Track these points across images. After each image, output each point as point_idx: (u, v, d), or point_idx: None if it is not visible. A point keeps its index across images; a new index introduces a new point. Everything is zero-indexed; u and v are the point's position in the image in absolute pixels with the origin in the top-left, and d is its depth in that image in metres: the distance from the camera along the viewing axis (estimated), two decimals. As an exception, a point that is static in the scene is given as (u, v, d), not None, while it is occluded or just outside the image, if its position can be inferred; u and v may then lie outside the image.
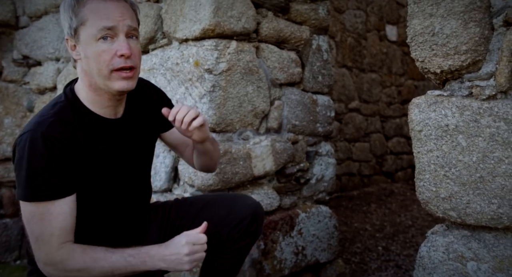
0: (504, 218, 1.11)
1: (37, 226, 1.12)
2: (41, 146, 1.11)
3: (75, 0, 1.16)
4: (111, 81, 1.18)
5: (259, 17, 2.02)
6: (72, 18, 1.16)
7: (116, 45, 1.16)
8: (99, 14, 1.15)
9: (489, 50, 1.14)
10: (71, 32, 1.18)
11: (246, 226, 1.44)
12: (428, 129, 1.22)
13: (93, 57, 1.16)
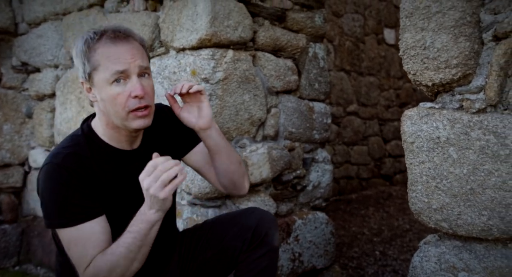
0: (494, 229, 1.13)
1: (72, 251, 1.18)
2: (57, 176, 1.17)
3: (86, 46, 1.19)
4: (129, 121, 1.23)
5: (256, 26, 2.04)
6: (85, 63, 1.20)
7: (129, 86, 1.19)
8: (110, 58, 1.18)
9: (479, 64, 1.16)
10: (85, 76, 1.22)
11: (252, 234, 1.37)
12: (420, 141, 1.24)
13: (108, 101, 1.20)
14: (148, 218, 1.13)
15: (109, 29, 1.22)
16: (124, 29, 1.24)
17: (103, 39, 1.20)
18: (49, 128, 2.61)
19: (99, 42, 1.19)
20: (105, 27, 1.24)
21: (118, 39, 1.20)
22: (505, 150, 1.09)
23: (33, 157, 2.72)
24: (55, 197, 1.16)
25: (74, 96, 2.42)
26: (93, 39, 1.20)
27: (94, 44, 1.19)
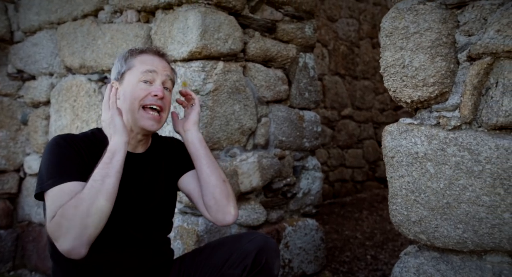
0: (469, 242, 1.18)
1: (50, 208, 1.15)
2: (56, 143, 1.26)
3: (129, 53, 1.40)
4: (139, 118, 1.34)
5: (246, 37, 2.08)
6: (122, 65, 1.39)
7: (152, 88, 1.36)
8: (146, 62, 1.37)
9: (455, 82, 1.20)
10: (117, 76, 1.39)
11: (252, 261, 1.34)
12: (400, 155, 1.28)
13: (129, 93, 1.35)
14: (110, 147, 1.23)
15: (152, 48, 1.44)
16: (163, 50, 1.47)
17: (145, 52, 1.41)
18: (44, 135, 2.65)
19: (141, 53, 1.40)
20: (150, 46, 1.46)
21: (156, 53, 1.42)
22: (478, 167, 1.14)
23: (28, 163, 2.76)
24: (51, 158, 1.22)
25: (69, 104, 2.45)
26: (138, 50, 1.41)
27: (136, 53, 1.40)
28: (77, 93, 2.42)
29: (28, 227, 2.74)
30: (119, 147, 1.22)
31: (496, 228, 1.12)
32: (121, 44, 2.16)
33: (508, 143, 1.09)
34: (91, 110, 2.35)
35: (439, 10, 1.20)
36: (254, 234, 1.44)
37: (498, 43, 1.09)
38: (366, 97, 5.87)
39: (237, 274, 1.35)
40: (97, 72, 2.33)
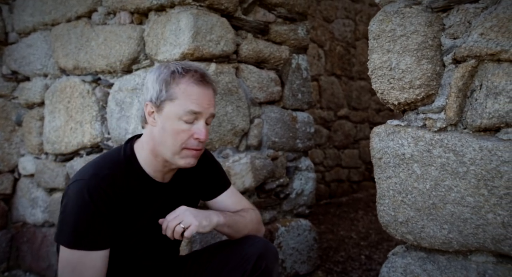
0: (454, 242, 1.19)
1: (68, 274, 1.16)
2: (88, 198, 1.17)
3: (171, 77, 1.24)
4: (178, 157, 1.26)
5: (239, 39, 2.10)
6: (162, 90, 1.24)
7: (195, 128, 1.25)
8: (190, 98, 1.23)
9: (441, 85, 1.22)
10: (155, 101, 1.25)
11: (252, 266, 1.33)
12: (387, 157, 1.30)
13: (170, 133, 1.24)
14: None
15: (196, 70, 1.27)
16: (208, 74, 1.30)
17: (188, 77, 1.24)
18: (38, 136, 2.66)
19: (184, 78, 1.24)
20: (192, 66, 1.29)
21: (201, 83, 1.25)
22: (463, 168, 1.15)
23: (22, 164, 2.76)
24: (78, 215, 1.16)
25: (63, 105, 2.46)
26: (180, 73, 1.24)
27: (179, 78, 1.24)
28: (71, 94, 2.42)
29: (22, 228, 2.74)
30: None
31: (480, 228, 1.14)
32: (114, 45, 2.17)
33: (492, 144, 1.11)
34: (85, 111, 2.36)
35: (425, 13, 1.21)
36: (254, 238, 1.42)
37: (482, 46, 1.11)
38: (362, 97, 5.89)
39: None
40: (90, 73, 2.34)
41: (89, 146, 2.37)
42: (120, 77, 2.21)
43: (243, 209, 1.48)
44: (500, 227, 1.11)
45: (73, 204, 1.18)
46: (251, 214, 1.47)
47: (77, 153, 2.45)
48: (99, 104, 2.32)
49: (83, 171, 1.24)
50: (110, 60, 2.20)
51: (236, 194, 1.52)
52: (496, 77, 1.10)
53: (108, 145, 2.30)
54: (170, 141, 1.24)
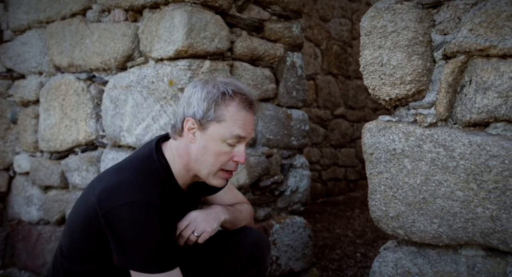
0: (444, 236, 1.20)
1: None
2: (154, 220, 1.15)
3: (221, 98, 1.23)
4: (214, 177, 1.28)
5: (233, 37, 2.10)
6: (210, 110, 1.23)
7: (236, 151, 1.26)
8: (238, 122, 1.24)
9: (432, 80, 1.23)
10: (200, 119, 1.24)
11: (247, 256, 1.41)
12: (379, 152, 1.31)
13: (212, 154, 1.25)
14: None
15: (245, 93, 1.27)
16: (253, 97, 1.31)
17: (238, 101, 1.25)
18: (33, 134, 2.66)
19: (233, 100, 1.24)
20: (240, 87, 1.28)
21: (249, 107, 1.27)
22: (453, 162, 1.16)
23: (17, 162, 2.76)
24: (150, 238, 1.14)
25: (57, 103, 2.46)
26: (230, 95, 1.24)
27: (229, 101, 1.24)
28: (65, 92, 2.43)
29: (17, 225, 2.74)
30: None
31: (470, 223, 1.15)
32: (108, 43, 2.17)
33: (481, 139, 1.11)
34: (80, 109, 2.36)
35: (416, 9, 1.22)
36: (249, 229, 1.48)
37: (471, 41, 1.12)
38: (359, 96, 5.90)
39: (233, 267, 1.42)
40: (85, 71, 2.34)
41: (84, 143, 2.37)
42: (115, 75, 2.21)
43: (239, 203, 1.54)
44: (489, 221, 1.12)
45: (140, 229, 1.14)
46: (247, 209, 1.54)
47: (72, 151, 2.45)
48: (93, 102, 2.32)
49: (128, 191, 1.18)
50: (105, 58, 2.20)
51: (232, 189, 1.59)
52: (485, 72, 1.11)
53: (102, 142, 2.30)
54: (210, 162, 1.25)
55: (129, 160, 1.31)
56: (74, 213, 1.31)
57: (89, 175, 2.35)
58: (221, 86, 1.25)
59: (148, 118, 2.04)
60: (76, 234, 1.28)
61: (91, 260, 1.27)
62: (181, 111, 1.28)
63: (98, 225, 1.19)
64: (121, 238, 1.15)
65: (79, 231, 1.26)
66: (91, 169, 2.34)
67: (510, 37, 1.06)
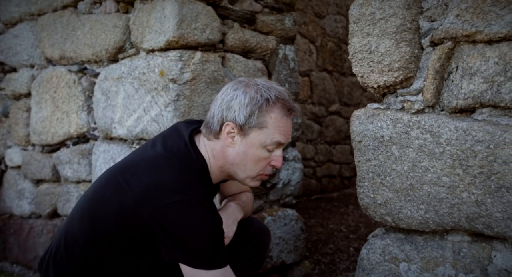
0: (430, 222, 1.21)
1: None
2: (208, 216, 1.16)
3: (265, 104, 1.22)
4: (251, 180, 1.30)
5: (225, 28, 2.10)
6: (252, 116, 1.22)
7: (273, 156, 1.27)
8: (279, 128, 1.24)
9: (420, 67, 1.23)
10: (241, 125, 1.23)
11: (251, 246, 1.47)
12: (367, 139, 1.31)
13: (252, 159, 1.25)
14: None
15: (286, 99, 1.27)
16: (292, 102, 1.30)
17: (280, 107, 1.24)
18: (25, 127, 2.64)
19: (275, 107, 1.23)
20: (282, 93, 1.27)
21: (289, 113, 1.26)
22: (439, 148, 1.16)
23: (9, 156, 2.75)
24: (206, 234, 1.15)
25: (49, 96, 2.45)
26: (273, 101, 1.23)
27: (272, 107, 1.23)
28: (57, 85, 2.42)
29: (9, 219, 2.73)
30: None
31: (455, 208, 1.15)
32: (100, 34, 2.17)
33: (467, 125, 1.12)
34: (71, 101, 2.35)
35: (403, -4, 1.22)
36: (252, 219, 1.53)
37: (458, 27, 1.12)
38: (354, 93, 5.91)
39: (237, 255, 1.43)
40: (76, 63, 2.33)
41: (76, 136, 2.36)
42: (106, 67, 2.20)
43: (244, 192, 1.56)
44: (474, 206, 1.12)
45: (195, 227, 1.14)
46: (251, 199, 1.57)
47: (64, 144, 2.44)
48: (85, 94, 2.31)
49: (176, 190, 1.17)
50: (96, 49, 2.19)
51: None
52: (471, 58, 1.12)
53: (94, 135, 2.30)
54: (250, 167, 1.26)
55: (166, 156, 1.25)
56: (98, 206, 1.27)
57: (80, 168, 2.34)
58: (264, 91, 1.23)
59: (139, 110, 2.04)
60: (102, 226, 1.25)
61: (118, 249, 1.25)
62: (219, 113, 1.25)
63: (134, 224, 1.18)
64: (174, 236, 1.15)
65: (108, 225, 1.24)
66: (82, 162, 2.33)
67: (495, 22, 1.06)
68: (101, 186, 1.30)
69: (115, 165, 1.37)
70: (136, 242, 1.22)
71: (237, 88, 1.25)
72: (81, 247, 1.27)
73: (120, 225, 1.21)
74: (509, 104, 1.08)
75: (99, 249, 1.25)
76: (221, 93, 1.29)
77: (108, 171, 1.35)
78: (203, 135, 1.30)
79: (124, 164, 1.31)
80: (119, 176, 1.26)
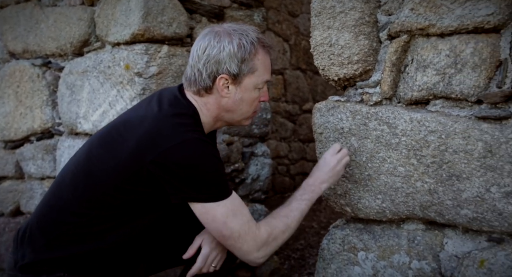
0: (387, 211, 1.24)
1: (234, 222, 1.16)
2: (210, 151, 1.18)
3: (252, 48, 1.22)
4: (245, 119, 1.34)
5: (193, 23, 2.09)
6: (243, 63, 1.22)
7: (262, 92, 1.31)
8: (266, 67, 1.27)
9: (378, 60, 1.26)
10: (236, 74, 1.23)
11: None
12: (328, 131, 1.33)
13: (247, 102, 1.28)
14: (319, 190, 1.25)
15: (262, 37, 1.27)
16: (265, 37, 1.31)
17: (261, 47, 1.26)
18: (-13, 122, 2.56)
19: (259, 48, 1.25)
20: (256, 32, 1.27)
21: (269, 50, 1.30)
22: (396, 139, 1.19)
23: (-29, 152, 2.66)
24: (212, 168, 1.17)
25: (12, 90, 2.38)
26: (256, 43, 1.24)
27: (257, 50, 1.24)
28: (20, 79, 2.35)
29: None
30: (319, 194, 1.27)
31: (410, 197, 1.18)
32: (64, 27, 2.12)
33: (421, 116, 1.15)
34: (35, 96, 2.29)
35: (362, -10, 1.24)
36: None
37: (412, 21, 1.15)
38: (328, 92, 5.96)
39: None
40: (40, 56, 2.27)
41: (40, 131, 2.30)
42: (71, 60, 2.16)
43: None
44: (427, 194, 1.15)
45: (201, 163, 1.16)
46: None
47: (27, 140, 2.37)
48: (49, 89, 2.25)
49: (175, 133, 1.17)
50: (61, 43, 2.15)
51: None
52: (425, 51, 1.15)
53: (59, 130, 2.25)
54: (246, 109, 1.30)
55: (157, 110, 1.25)
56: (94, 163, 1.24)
57: (45, 164, 2.29)
58: (246, 36, 1.24)
59: (105, 104, 2.01)
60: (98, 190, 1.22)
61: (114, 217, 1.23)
62: (208, 69, 1.24)
63: (134, 175, 1.17)
64: (180, 176, 1.15)
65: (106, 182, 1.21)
66: (47, 158, 2.28)
67: (447, 16, 1.09)
68: (95, 145, 1.28)
69: (106, 127, 1.35)
70: (133, 197, 1.20)
71: (220, 40, 1.23)
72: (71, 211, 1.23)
73: (118, 180, 1.19)
74: (459, 96, 1.11)
75: (92, 210, 1.22)
76: (202, 47, 1.25)
77: (99, 132, 1.34)
78: (192, 92, 1.30)
79: (117, 124, 1.30)
80: (114, 133, 1.26)
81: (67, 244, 1.22)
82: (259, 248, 1.18)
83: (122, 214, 1.23)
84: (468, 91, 1.10)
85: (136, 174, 1.16)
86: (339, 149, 1.27)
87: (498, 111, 1.07)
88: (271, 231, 1.19)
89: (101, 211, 1.21)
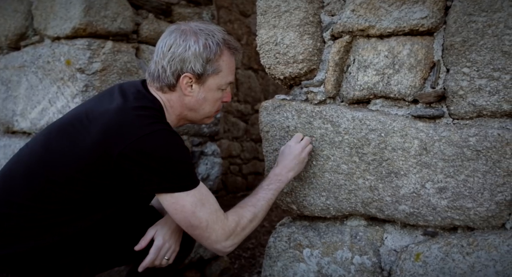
0: (331, 208, 1.26)
1: (203, 211, 1.16)
2: (178, 141, 1.18)
3: (218, 49, 1.23)
4: (207, 119, 1.36)
5: (139, 19, 2.03)
6: (208, 63, 1.23)
7: (224, 93, 1.33)
8: (230, 69, 1.29)
9: (322, 60, 1.28)
10: (200, 73, 1.23)
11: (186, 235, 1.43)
12: (274, 130, 1.34)
13: (210, 102, 1.30)
14: (285, 179, 1.25)
15: (229, 38, 1.29)
16: (232, 38, 1.31)
17: (227, 48, 1.27)
18: None
19: (225, 49, 1.26)
20: (223, 33, 1.29)
21: (235, 52, 1.30)
22: (339, 137, 1.22)
23: None
24: (181, 158, 1.17)
25: None
26: (222, 45, 1.25)
27: (222, 51, 1.25)
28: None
29: None
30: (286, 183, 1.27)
31: (352, 194, 1.22)
32: (-2, 19, 1.99)
33: (362, 115, 1.19)
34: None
35: (304, -10, 1.26)
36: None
37: (353, 22, 1.18)
38: (279, 92, 6.03)
39: None
40: (-28, 49, 2.12)
41: (-29, 130, 2.15)
42: (7, 54, 2.03)
43: None
44: (368, 191, 1.19)
45: (172, 153, 1.16)
46: None
47: (-43, 139, 2.20)
48: (-18, 84, 2.11)
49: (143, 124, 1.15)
50: (-6, 35, 2.01)
51: None
52: (366, 51, 1.18)
53: (-7, 128, 2.11)
54: (208, 109, 1.31)
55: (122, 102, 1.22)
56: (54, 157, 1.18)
57: (-23, 165, 2.13)
58: (212, 36, 1.25)
59: (44, 101, 1.90)
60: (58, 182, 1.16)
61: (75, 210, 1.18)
62: (173, 66, 1.23)
63: (99, 168, 1.14)
64: (150, 167, 1.14)
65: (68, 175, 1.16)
66: (-21, 159, 2.12)
67: (385, 18, 1.13)
68: (55, 137, 1.22)
69: (64, 118, 1.30)
70: (94, 190, 1.17)
71: (186, 39, 1.24)
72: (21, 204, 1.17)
73: (81, 172, 1.15)
74: (397, 95, 1.16)
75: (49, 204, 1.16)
76: (167, 44, 1.25)
77: (57, 123, 1.28)
78: (156, 88, 1.28)
79: (77, 115, 1.25)
80: (77, 124, 1.21)
81: (13, 241, 1.15)
82: (227, 237, 1.19)
83: (79, 208, 1.18)
84: (405, 91, 1.14)
85: (101, 166, 1.14)
86: (301, 137, 1.30)
87: (432, 111, 1.12)
88: (239, 220, 1.20)
89: (58, 205, 1.16)
